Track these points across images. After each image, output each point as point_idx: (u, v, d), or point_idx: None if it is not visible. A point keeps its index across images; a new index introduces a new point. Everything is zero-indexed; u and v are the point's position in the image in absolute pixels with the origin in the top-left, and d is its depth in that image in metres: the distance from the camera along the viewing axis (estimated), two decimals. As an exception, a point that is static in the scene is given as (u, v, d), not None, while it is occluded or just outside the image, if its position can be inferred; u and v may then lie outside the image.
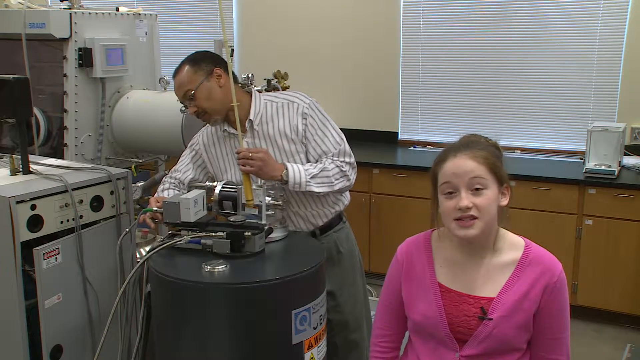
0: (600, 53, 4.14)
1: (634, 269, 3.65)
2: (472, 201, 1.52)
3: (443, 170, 1.57)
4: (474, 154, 1.55)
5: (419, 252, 1.70)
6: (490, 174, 1.55)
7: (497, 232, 1.62)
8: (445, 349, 1.62)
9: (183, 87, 2.24)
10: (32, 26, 3.11)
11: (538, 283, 1.57)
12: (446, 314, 1.60)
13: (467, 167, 1.54)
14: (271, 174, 2.12)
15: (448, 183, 1.56)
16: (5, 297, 2.08)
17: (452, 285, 1.63)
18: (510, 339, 1.57)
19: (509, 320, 1.56)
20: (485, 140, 1.64)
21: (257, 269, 1.94)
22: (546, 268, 1.58)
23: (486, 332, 1.56)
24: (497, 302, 1.57)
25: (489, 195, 1.54)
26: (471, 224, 1.53)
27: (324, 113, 2.32)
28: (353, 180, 2.31)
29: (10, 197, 1.98)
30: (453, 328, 1.60)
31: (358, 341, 2.46)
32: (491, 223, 1.57)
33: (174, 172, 2.47)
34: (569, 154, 4.27)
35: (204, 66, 2.23)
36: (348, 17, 4.84)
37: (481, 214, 1.53)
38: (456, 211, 1.53)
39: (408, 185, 4.16)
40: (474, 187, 1.53)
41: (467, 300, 1.60)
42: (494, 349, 1.57)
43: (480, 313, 1.57)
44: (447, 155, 1.59)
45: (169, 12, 5.39)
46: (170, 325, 1.92)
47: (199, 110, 2.24)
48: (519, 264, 1.60)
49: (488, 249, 1.62)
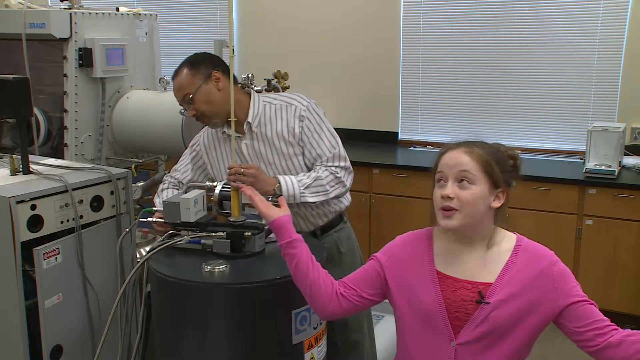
0: (600, 53, 4.14)
1: (634, 269, 3.65)
2: (455, 193, 1.57)
3: (441, 161, 1.64)
4: (471, 150, 1.61)
5: (420, 241, 1.73)
6: (481, 172, 1.58)
7: (493, 230, 1.66)
8: (440, 338, 1.63)
9: (182, 91, 2.23)
10: (32, 26, 3.10)
11: (535, 267, 1.60)
12: (444, 299, 1.62)
13: (460, 160, 1.59)
14: (264, 189, 2.10)
15: (440, 172, 1.62)
16: (5, 297, 2.08)
17: (449, 272, 1.66)
18: (507, 324, 1.58)
19: (506, 304, 1.58)
20: (495, 144, 1.68)
21: (257, 269, 1.94)
22: (539, 253, 1.64)
23: (483, 315, 1.58)
24: (495, 286, 1.60)
25: (474, 190, 1.58)
26: (450, 215, 1.58)
27: (322, 116, 2.31)
28: (349, 185, 2.31)
29: (10, 197, 1.98)
30: (451, 314, 1.62)
31: (358, 341, 2.46)
32: (475, 219, 1.60)
33: (174, 172, 2.47)
34: (569, 154, 4.27)
35: (203, 69, 2.23)
36: (348, 17, 4.84)
37: (462, 207, 1.57)
38: (441, 200, 1.59)
39: (408, 185, 4.16)
40: (461, 179, 1.58)
41: (465, 286, 1.62)
42: (490, 333, 1.58)
43: (477, 297, 1.59)
44: (449, 147, 1.65)
45: (169, 12, 5.40)
46: (170, 325, 1.92)
47: (197, 113, 2.24)
48: (514, 251, 1.64)
49: (483, 243, 1.65)
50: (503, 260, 1.63)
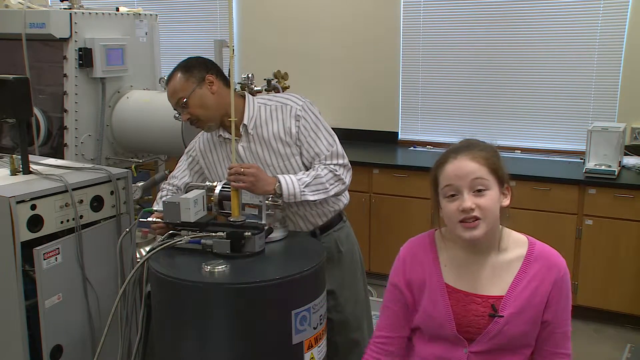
0: (600, 53, 4.14)
1: (634, 269, 3.65)
2: (475, 202, 1.53)
3: (444, 173, 1.57)
4: (474, 155, 1.56)
5: (424, 252, 1.69)
6: (491, 175, 1.55)
7: (501, 231, 1.63)
8: (452, 346, 1.62)
9: (176, 95, 2.23)
10: (32, 26, 3.11)
11: (546, 279, 1.58)
12: (454, 315, 1.60)
13: (469, 169, 1.54)
14: (264, 188, 2.11)
15: (450, 186, 1.56)
16: (5, 297, 2.08)
17: (458, 286, 1.63)
18: (521, 336, 1.58)
19: (519, 317, 1.56)
20: (483, 143, 1.64)
21: (257, 269, 1.94)
22: (552, 263, 1.60)
23: (496, 329, 1.56)
24: (507, 299, 1.58)
25: (491, 195, 1.54)
26: (475, 225, 1.53)
27: (317, 114, 2.31)
28: (348, 182, 2.31)
29: (10, 197, 1.98)
30: (461, 328, 1.60)
31: (359, 341, 2.45)
32: (495, 223, 1.58)
33: (171, 179, 2.47)
34: (569, 154, 4.26)
35: (196, 73, 2.23)
36: (348, 17, 4.84)
37: (484, 215, 1.53)
38: (460, 213, 1.53)
39: (408, 185, 4.16)
40: (477, 189, 1.54)
41: (475, 300, 1.60)
42: (504, 345, 1.58)
43: (490, 311, 1.57)
44: (447, 157, 1.59)
45: (169, 12, 5.39)
46: (170, 325, 1.92)
47: (192, 117, 2.24)
48: (525, 260, 1.61)
49: (493, 248, 1.62)
50: (514, 270, 1.60)
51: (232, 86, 2.20)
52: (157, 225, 2.15)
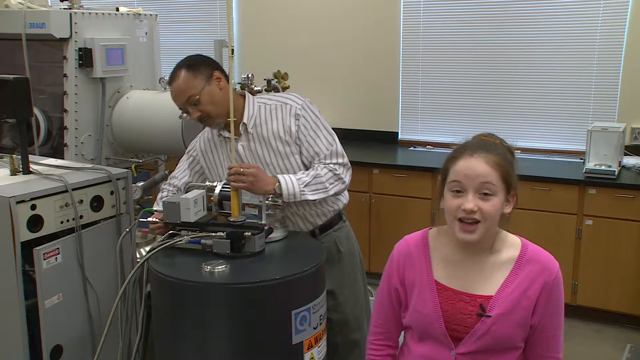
0: (600, 53, 4.14)
1: (634, 269, 3.65)
2: (478, 205, 1.52)
3: (455, 168, 1.56)
4: (488, 158, 1.54)
5: (417, 249, 1.70)
6: (500, 181, 1.54)
7: (496, 233, 1.62)
8: (440, 347, 1.62)
9: (185, 93, 2.22)
10: (32, 26, 3.10)
11: (536, 281, 1.57)
12: (442, 312, 1.60)
13: (480, 171, 1.52)
14: (264, 188, 2.11)
15: (457, 182, 1.54)
16: (5, 297, 2.08)
17: (449, 284, 1.63)
18: (508, 337, 1.57)
19: (507, 318, 1.56)
20: (501, 143, 1.64)
21: (257, 269, 1.94)
22: (544, 266, 1.59)
23: (483, 329, 1.56)
24: (495, 299, 1.57)
25: (495, 202, 1.53)
26: (473, 229, 1.53)
27: (317, 113, 2.31)
28: (348, 182, 2.31)
29: (10, 197, 1.98)
30: (449, 326, 1.60)
31: (359, 340, 2.45)
32: (492, 228, 1.57)
33: (171, 179, 2.47)
34: (569, 154, 4.27)
35: (204, 70, 2.22)
36: (348, 17, 4.84)
37: (484, 219, 1.53)
38: (460, 211, 1.53)
39: (408, 185, 4.16)
40: (483, 192, 1.53)
41: (464, 298, 1.60)
42: (491, 346, 1.57)
43: (478, 310, 1.57)
44: (463, 153, 1.57)
45: (169, 12, 5.39)
46: (170, 326, 1.92)
47: (202, 114, 2.23)
48: (517, 262, 1.60)
49: (486, 249, 1.62)
50: (505, 271, 1.60)
51: (231, 85, 2.20)
52: (155, 225, 2.15)
